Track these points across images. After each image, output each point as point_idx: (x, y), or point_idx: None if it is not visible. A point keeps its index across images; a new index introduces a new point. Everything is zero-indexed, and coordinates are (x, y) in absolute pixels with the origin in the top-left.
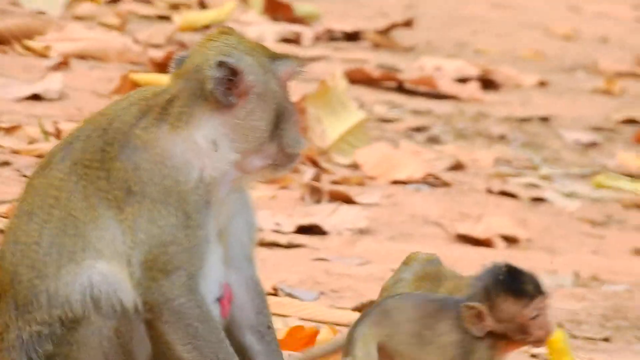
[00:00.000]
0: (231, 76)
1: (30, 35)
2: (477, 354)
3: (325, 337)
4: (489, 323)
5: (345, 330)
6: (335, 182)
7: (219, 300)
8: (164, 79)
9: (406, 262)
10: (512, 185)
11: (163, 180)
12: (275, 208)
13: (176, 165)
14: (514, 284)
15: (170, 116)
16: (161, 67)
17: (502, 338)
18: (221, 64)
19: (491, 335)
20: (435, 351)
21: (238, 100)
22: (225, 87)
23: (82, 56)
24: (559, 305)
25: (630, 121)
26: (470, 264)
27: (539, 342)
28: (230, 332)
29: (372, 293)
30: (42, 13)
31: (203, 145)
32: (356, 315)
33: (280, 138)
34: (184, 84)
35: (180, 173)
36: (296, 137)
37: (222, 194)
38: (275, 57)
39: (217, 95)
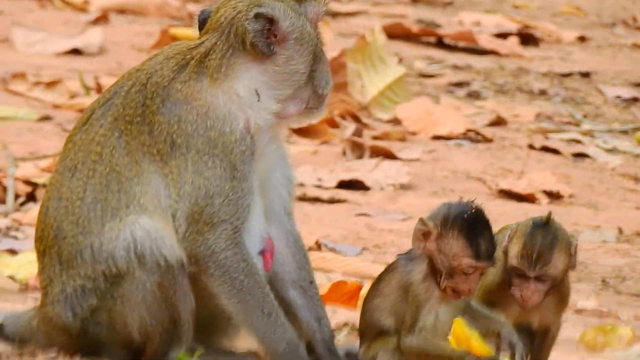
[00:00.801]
0: (269, 25)
1: None
2: (413, 287)
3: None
4: (430, 247)
5: None
6: (376, 138)
7: (262, 253)
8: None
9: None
10: (553, 141)
11: (208, 131)
12: (317, 163)
13: (220, 116)
14: (473, 232)
15: (208, 69)
16: None
17: (434, 274)
18: (258, 16)
19: (428, 272)
20: (387, 310)
21: (278, 48)
22: (264, 38)
23: (121, 10)
24: (602, 261)
25: None
26: (513, 220)
27: (458, 294)
28: (273, 287)
29: None
30: None
31: (245, 95)
32: None
33: (314, 80)
34: (219, 37)
35: (225, 124)
36: (327, 77)
37: (264, 144)
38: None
39: (259, 47)
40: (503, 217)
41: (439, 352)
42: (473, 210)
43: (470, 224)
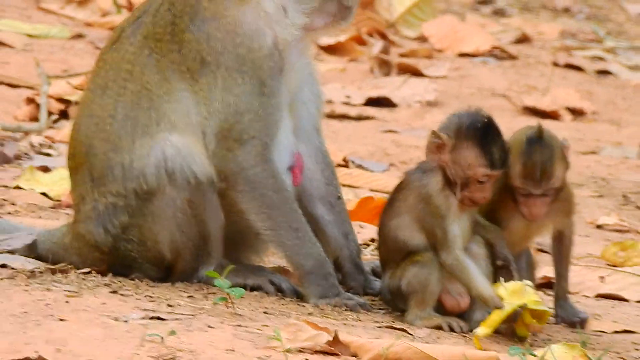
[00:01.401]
0: None
1: None
2: (433, 198)
3: None
4: (445, 159)
5: None
6: (403, 55)
7: (291, 169)
8: None
9: None
10: (577, 58)
11: (236, 48)
12: (344, 81)
13: (248, 33)
14: (487, 140)
15: None
16: None
17: (449, 185)
18: None
19: (444, 182)
20: (411, 227)
21: None
22: None
23: None
24: (624, 177)
25: None
26: None
27: (473, 203)
28: (301, 203)
29: None
30: None
31: (272, 11)
32: None
33: None
34: None
35: (253, 40)
36: None
37: (292, 59)
38: None
39: None
40: None
41: (469, 285)
42: (485, 119)
43: (484, 134)
